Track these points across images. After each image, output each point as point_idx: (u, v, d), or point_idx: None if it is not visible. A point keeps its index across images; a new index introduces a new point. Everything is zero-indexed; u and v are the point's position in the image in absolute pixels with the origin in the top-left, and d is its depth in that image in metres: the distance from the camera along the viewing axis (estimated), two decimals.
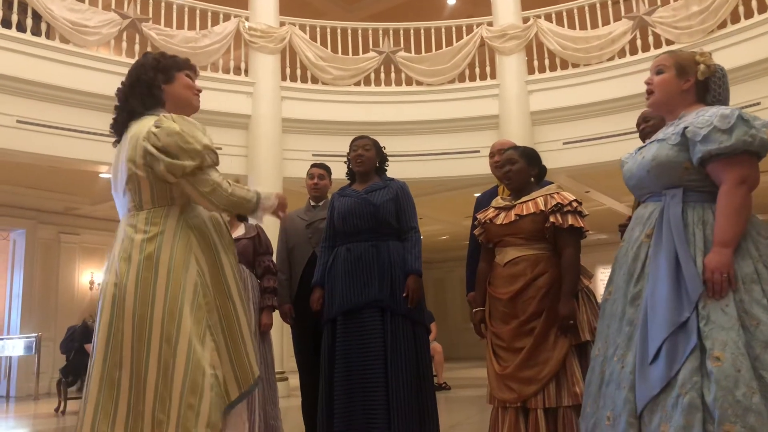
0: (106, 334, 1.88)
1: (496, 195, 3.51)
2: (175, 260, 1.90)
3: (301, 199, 4.22)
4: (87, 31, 7.26)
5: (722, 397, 1.60)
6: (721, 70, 2.02)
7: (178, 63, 2.13)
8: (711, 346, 1.67)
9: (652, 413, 1.70)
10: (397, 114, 8.51)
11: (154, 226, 1.93)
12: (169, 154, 1.89)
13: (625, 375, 1.80)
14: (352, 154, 3.40)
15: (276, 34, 8.43)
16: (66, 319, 9.47)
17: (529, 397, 2.58)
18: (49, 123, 6.87)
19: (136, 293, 1.87)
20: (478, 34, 8.72)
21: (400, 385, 3.00)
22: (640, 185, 2.01)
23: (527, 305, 2.66)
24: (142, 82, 2.05)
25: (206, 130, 2.02)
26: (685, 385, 1.66)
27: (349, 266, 3.18)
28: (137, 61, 2.13)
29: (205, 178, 1.95)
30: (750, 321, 1.69)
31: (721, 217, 1.79)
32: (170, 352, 1.83)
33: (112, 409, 1.84)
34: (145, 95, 2.04)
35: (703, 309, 1.73)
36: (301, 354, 3.88)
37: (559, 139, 8.22)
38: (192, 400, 1.80)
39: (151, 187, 1.95)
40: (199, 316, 1.89)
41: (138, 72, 2.07)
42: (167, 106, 2.07)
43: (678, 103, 1.99)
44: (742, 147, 1.79)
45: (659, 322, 1.76)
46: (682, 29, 7.65)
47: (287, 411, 4.96)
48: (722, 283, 1.72)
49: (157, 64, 2.08)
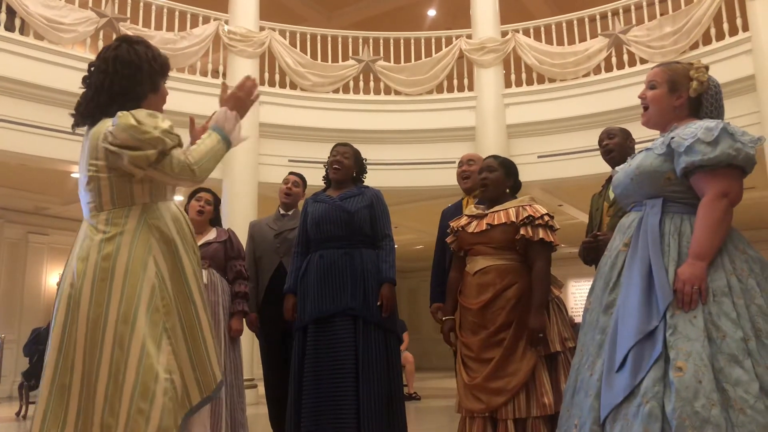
0: (59, 337, 1.83)
1: (461, 207, 3.55)
2: (133, 261, 1.85)
3: (275, 205, 4.19)
4: (62, 28, 7.15)
5: (681, 407, 1.58)
6: (715, 86, 1.99)
7: (164, 69, 2.05)
8: (675, 356, 1.65)
9: (614, 421, 1.70)
10: (375, 122, 8.53)
11: (114, 227, 1.89)
12: (130, 147, 1.84)
13: (593, 382, 1.80)
14: (330, 159, 3.37)
15: (255, 38, 8.40)
16: (31, 321, 9.27)
17: (498, 407, 2.59)
18: (20, 120, 6.74)
19: (92, 294, 1.82)
20: (457, 47, 8.80)
21: (370, 394, 2.97)
22: (626, 193, 2.00)
23: (496, 316, 2.67)
24: (130, 95, 1.95)
25: (165, 117, 1.93)
26: (646, 394, 1.65)
27: (322, 273, 3.14)
28: (128, 57, 1.97)
29: (170, 161, 1.88)
30: (717, 333, 1.67)
31: (699, 230, 1.77)
32: (122, 356, 1.78)
33: (62, 414, 1.80)
34: (128, 101, 1.94)
35: (671, 318, 1.71)
36: (268, 367, 3.84)
37: (534, 153, 8.30)
38: (143, 405, 1.75)
39: (111, 187, 1.91)
40: (155, 319, 1.83)
41: (129, 80, 1.96)
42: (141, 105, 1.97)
43: (671, 119, 1.97)
44: (726, 160, 1.77)
45: (628, 330, 1.75)
46: (655, 49, 7.81)
47: (256, 418, 4.91)
48: (692, 294, 1.71)
49: (151, 72, 1.99)
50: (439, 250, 3.56)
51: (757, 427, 1.57)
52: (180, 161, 1.90)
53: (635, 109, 2.35)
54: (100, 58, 2.02)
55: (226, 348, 3.36)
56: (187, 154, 1.93)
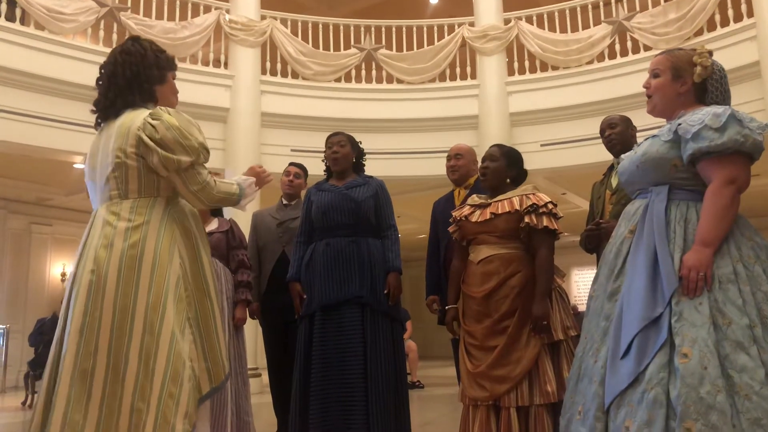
0: (80, 323, 1.85)
1: (452, 198, 3.56)
2: (161, 251, 1.90)
3: (277, 194, 4.19)
4: (63, 18, 7.13)
5: (686, 393, 1.59)
6: (720, 70, 1.97)
7: (170, 63, 2.15)
8: (680, 343, 1.65)
9: (619, 408, 1.70)
10: (377, 111, 8.50)
11: (138, 216, 1.92)
12: (166, 147, 1.90)
13: (597, 369, 1.80)
14: (327, 152, 3.36)
15: (257, 27, 8.36)
16: (35, 312, 9.31)
17: (501, 395, 2.59)
18: (22, 111, 6.73)
19: (119, 282, 1.86)
20: (460, 34, 8.75)
21: (379, 382, 3.00)
22: (631, 180, 2.00)
23: (500, 304, 2.67)
24: (141, 78, 2.05)
25: (201, 128, 2.04)
26: (651, 380, 1.65)
27: (329, 261, 3.14)
28: (133, 48, 2.08)
29: (196, 176, 1.97)
30: (722, 320, 1.67)
31: (705, 216, 1.77)
32: (153, 342, 1.83)
33: (84, 399, 1.82)
34: (143, 91, 2.05)
35: (676, 305, 1.71)
36: (271, 355, 3.87)
37: (537, 141, 8.27)
38: (173, 389, 1.80)
39: (139, 176, 1.95)
40: (180, 308, 1.90)
41: (138, 66, 2.05)
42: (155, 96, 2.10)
43: (677, 106, 1.95)
44: (734, 146, 1.76)
45: (633, 317, 1.75)
46: (659, 35, 7.76)
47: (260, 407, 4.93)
48: (698, 281, 1.71)
49: (157, 61, 2.09)
50: (433, 243, 3.58)
51: (762, 413, 1.58)
52: (206, 181, 2.00)
53: (639, 97, 2.34)
54: (108, 56, 2.12)
55: (230, 337, 3.37)
56: (215, 179, 2.04)
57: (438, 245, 3.55)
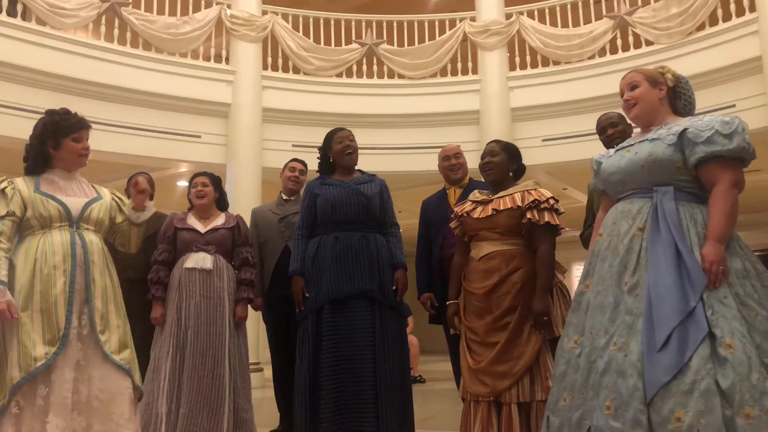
0: None
1: (445, 197, 3.57)
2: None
3: (279, 190, 4.19)
4: (64, 13, 7.12)
5: (740, 382, 1.69)
6: (684, 78, 2.19)
7: (67, 128, 2.52)
8: (721, 334, 1.75)
9: (664, 400, 1.74)
10: (378, 107, 8.49)
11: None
12: None
13: (631, 363, 1.83)
14: (339, 146, 3.32)
15: (258, 22, 8.35)
16: None
17: (503, 391, 2.60)
18: (23, 106, 6.72)
19: None
20: (461, 29, 8.73)
21: (388, 376, 3.02)
22: (625, 180, 2.09)
23: (502, 300, 2.68)
24: (34, 148, 2.59)
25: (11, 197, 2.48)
26: (700, 371, 1.72)
27: (338, 255, 3.14)
28: (39, 122, 2.59)
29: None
30: (748, 312, 1.80)
31: (718, 214, 1.91)
32: None
33: None
34: (38, 157, 2.58)
35: (707, 299, 1.82)
36: (275, 349, 3.88)
37: (539, 136, 8.26)
38: None
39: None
40: None
41: (33, 137, 2.57)
42: (59, 164, 2.57)
43: (658, 112, 2.13)
44: (740, 153, 1.93)
45: (666, 310, 1.82)
46: (661, 30, 7.74)
47: (262, 402, 4.95)
48: (718, 274, 1.83)
49: (46, 132, 2.53)
50: (423, 242, 3.59)
51: None
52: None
53: None
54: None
55: (230, 334, 3.38)
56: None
57: (429, 244, 3.57)
